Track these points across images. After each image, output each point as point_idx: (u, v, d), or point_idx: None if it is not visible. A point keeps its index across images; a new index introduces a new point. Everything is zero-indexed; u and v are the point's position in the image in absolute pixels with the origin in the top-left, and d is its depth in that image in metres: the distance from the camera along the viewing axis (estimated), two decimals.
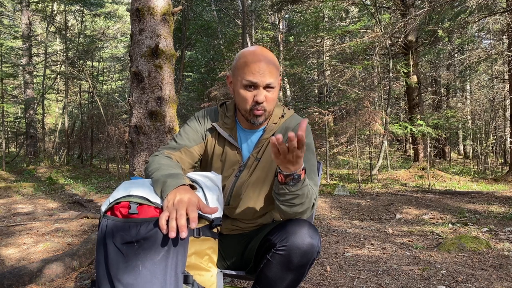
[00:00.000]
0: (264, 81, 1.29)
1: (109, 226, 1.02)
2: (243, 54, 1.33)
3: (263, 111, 1.34)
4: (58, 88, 16.41)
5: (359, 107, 12.19)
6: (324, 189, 6.69)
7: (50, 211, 4.72)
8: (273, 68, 1.31)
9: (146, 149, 3.41)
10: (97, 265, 1.02)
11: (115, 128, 8.96)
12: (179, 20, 12.11)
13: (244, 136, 1.45)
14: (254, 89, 1.31)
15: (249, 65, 1.29)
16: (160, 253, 0.99)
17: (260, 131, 1.44)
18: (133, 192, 1.07)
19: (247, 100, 1.32)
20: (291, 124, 1.43)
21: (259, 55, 1.30)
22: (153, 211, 1.04)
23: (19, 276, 2.16)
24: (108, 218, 1.04)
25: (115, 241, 1.00)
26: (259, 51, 1.32)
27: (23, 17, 12.25)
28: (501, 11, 8.32)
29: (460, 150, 16.60)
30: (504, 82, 11.40)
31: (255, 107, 1.32)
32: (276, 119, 1.43)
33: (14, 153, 13.59)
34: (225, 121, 1.45)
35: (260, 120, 1.35)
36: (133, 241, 0.99)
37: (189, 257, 1.06)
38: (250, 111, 1.33)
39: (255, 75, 1.28)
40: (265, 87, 1.31)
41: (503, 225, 3.93)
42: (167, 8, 3.54)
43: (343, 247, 3.10)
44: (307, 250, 1.21)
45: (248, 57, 1.31)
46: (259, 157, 1.40)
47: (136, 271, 0.97)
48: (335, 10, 11.64)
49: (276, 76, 1.33)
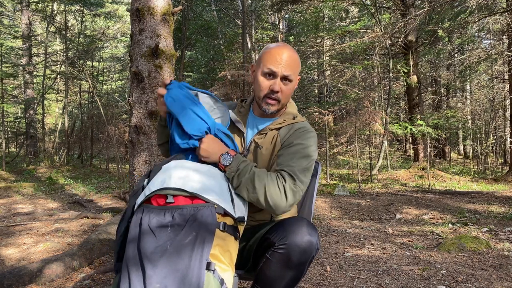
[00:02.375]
0: (283, 72, 1.37)
1: (145, 212, 1.13)
2: (269, 46, 1.42)
3: (277, 101, 1.40)
4: (58, 88, 16.40)
5: (359, 107, 12.19)
6: (324, 189, 6.68)
7: (50, 211, 4.71)
8: (294, 63, 1.39)
9: (146, 149, 3.41)
10: (128, 247, 1.10)
11: (115, 128, 8.96)
12: (179, 20, 12.11)
13: (252, 122, 1.50)
14: (272, 79, 1.38)
15: (272, 55, 1.38)
16: (188, 237, 1.08)
17: (269, 122, 1.48)
18: (168, 184, 1.17)
19: (263, 87, 1.39)
20: (295, 126, 1.45)
21: (283, 48, 1.39)
22: (187, 200, 1.15)
23: (19, 276, 2.16)
24: (145, 207, 1.15)
25: (150, 224, 1.09)
26: (284, 46, 1.41)
27: (23, 17, 12.25)
28: (501, 11, 8.31)
29: (460, 150, 16.60)
30: (504, 82, 11.40)
31: (269, 95, 1.39)
32: (288, 118, 1.47)
33: (14, 153, 13.58)
34: (240, 110, 1.54)
35: (272, 109, 1.41)
36: (168, 225, 1.09)
37: (213, 248, 1.11)
38: (263, 98, 1.40)
39: (275, 65, 1.36)
40: (282, 79, 1.38)
41: (503, 225, 3.93)
42: (167, 8, 3.54)
43: (343, 247, 3.10)
44: (306, 248, 1.22)
45: (273, 48, 1.40)
46: (261, 145, 1.44)
47: (164, 251, 1.05)
48: (335, 10, 11.64)
49: (295, 71, 1.40)
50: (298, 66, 1.42)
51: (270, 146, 1.43)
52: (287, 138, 1.42)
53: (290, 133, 1.43)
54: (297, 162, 1.34)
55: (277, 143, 1.43)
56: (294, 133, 1.42)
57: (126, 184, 7.27)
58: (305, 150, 1.38)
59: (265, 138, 1.44)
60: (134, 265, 1.06)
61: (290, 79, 1.39)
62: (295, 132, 1.42)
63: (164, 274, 1.03)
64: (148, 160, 3.43)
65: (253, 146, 1.45)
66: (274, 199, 1.26)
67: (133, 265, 1.06)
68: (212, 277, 1.07)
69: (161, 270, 1.03)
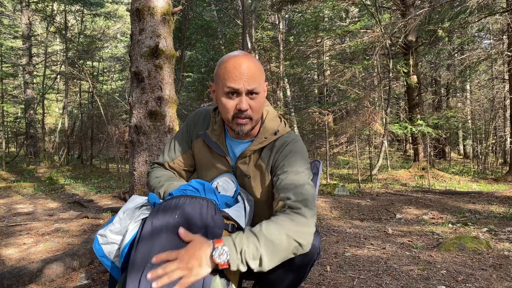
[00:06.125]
0: (246, 87, 1.21)
1: (151, 215, 1.12)
2: (223, 60, 1.25)
3: (248, 119, 1.25)
4: (58, 88, 16.42)
5: (359, 107, 12.20)
6: (324, 189, 6.69)
7: (50, 211, 4.71)
8: (256, 72, 1.23)
9: (146, 149, 3.42)
10: (138, 236, 1.09)
11: (115, 128, 8.97)
12: (179, 20, 12.11)
13: (230, 144, 1.39)
14: (237, 96, 1.23)
15: (229, 71, 1.21)
16: (196, 234, 1.07)
17: (247, 143, 1.36)
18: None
19: (229, 108, 1.24)
20: (277, 143, 1.33)
21: (239, 60, 1.22)
22: None
23: (19, 276, 2.16)
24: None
25: (156, 224, 1.08)
26: (239, 56, 1.24)
27: (23, 17, 12.26)
28: (501, 11, 8.32)
29: (460, 150, 16.60)
30: (504, 82, 11.40)
31: (238, 115, 1.24)
32: (268, 134, 1.34)
33: (14, 153, 13.58)
34: (215, 127, 1.38)
35: (245, 129, 1.27)
36: (173, 225, 1.08)
37: None
38: (233, 120, 1.25)
39: (236, 81, 1.20)
40: (248, 93, 1.22)
41: (503, 225, 3.93)
42: (167, 8, 3.54)
43: (343, 247, 3.10)
44: (308, 251, 1.21)
45: (228, 63, 1.22)
46: (248, 174, 1.34)
47: (174, 243, 1.05)
48: (335, 10, 11.63)
49: (259, 81, 1.24)
50: (261, 75, 1.26)
51: (257, 173, 1.34)
52: (274, 161, 1.31)
53: (274, 155, 1.31)
54: (298, 190, 1.22)
55: (263, 168, 1.33)
56: (278, 153, 1.31)
57: (126, 184, 7.27)
58: (300, 176, 1.25)
59: (249, 165, 1.34)
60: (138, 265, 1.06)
61: (256, 92, 1.22)
62: (279, 152, 1.31)
63: None
64: (148, 160, 3.43)
65: (239, 173, 1.35)
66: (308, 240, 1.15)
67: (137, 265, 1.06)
68: (218, 277, 1.06)
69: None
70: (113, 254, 1.15)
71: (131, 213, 1.18)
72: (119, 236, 1.15)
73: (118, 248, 1.15)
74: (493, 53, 10.00)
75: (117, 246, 1.15)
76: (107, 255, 1.15)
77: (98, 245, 1.16)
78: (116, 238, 1.15)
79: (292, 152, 1.29)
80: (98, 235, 1.17)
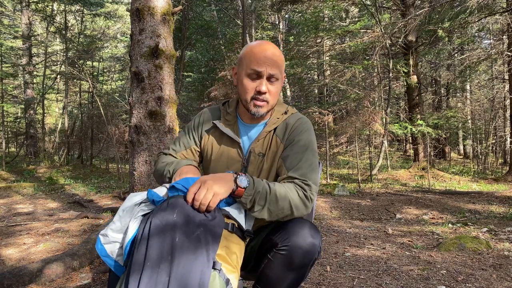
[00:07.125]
0: (268, 71, 1.30)
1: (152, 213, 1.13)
2: (250, 45, 1.36)
3: (265, 102, 1.34)
4: (58, 88, 16.41)
5: (359, 107, 12.20)
6: (324, 189, 6.69)
7: (50, 211, 4.71)
8: (278, 60, 1.32)
9: (146, 149, 3.42)
10: (139, 236, 1.10)
11: (115, 128, 8.96)
12: (179, 20, 12.11)
13: (244, 130, 1.44)
14: (258, 79, 1.32)
15: (254, 54, 1.31)
16: (195, 234, 1.08)
17: (262, 125, 1.43)
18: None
19: (249, 89, 1.33)
20: (291, 121, 1.42)
21: (267, 46, 1.32)
22: None
23: (19, 276, 2.16)
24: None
25: (156, 222, 1.09)
26: (265, 43, 1.34)
27: (23, 17, 12.25)
28: (501, 11, 8.31)
29: (460, 150, 16.59)
30: (504, 82, 11.40)
31: (256, 97, 1.33)
32: (279, 114, 1.42)
33: (14, 153, 13.58)
34: (227, 118, 1.45)
35: (261, 111, 1.35)
36: (174, 223, 1.08)
37: (220, 249, 1.11)
38: (251, 101, 1.34)
39: (259, 64, 1.29)
40: (268, 78, 1.32)
41: (503, 225, 3.93)
42: (167, 8, 3.54)
43: (343, 247, 3.10)
44: (308, 250, 1.21)
45: (254, 48, 1.33)
46: (263, 152, 1.40)
47: (170, 247, 1.05)
48: (335, 10, 11.63)
49: (280, 69, 1.34)
50: (282, 64, 1.36)
51: (271, 150, 1.40)
52: (288, 136, 1.39)
53: (289, 130, 1.40)
54: (305, 162, 1.33)
55: (278, 143, 1.39)
56: (293, 129, 1.39)
57: (126, 184, 7.27)
58: (309, 145, 1.37)
59: (264, 144, 1.40)
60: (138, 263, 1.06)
61: (276, 78, 1.33)
62: (293, 127, 1.40)
63: (169, 269, 1.03)
64: (148, 160, 3.43)
65: (253, 155, 1.40)
66: (300, 211, 1.26)
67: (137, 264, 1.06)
68: (217, 275, 1.06)
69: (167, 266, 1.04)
70: (115, 253, 1.15)
71: (130, 210, 1.18)
72: (120, 235, 1.16)
73: (120, 247, 1.15)
74: (493, 53, 9.99)
75: (119, 244, 1.15)
76: (110, 254, 1.16)
77: (101, 245, 1.16)
78: (117, 236, 1.16)
79: (304, 130, 1.40)
80: (100, 235, 1.17)
